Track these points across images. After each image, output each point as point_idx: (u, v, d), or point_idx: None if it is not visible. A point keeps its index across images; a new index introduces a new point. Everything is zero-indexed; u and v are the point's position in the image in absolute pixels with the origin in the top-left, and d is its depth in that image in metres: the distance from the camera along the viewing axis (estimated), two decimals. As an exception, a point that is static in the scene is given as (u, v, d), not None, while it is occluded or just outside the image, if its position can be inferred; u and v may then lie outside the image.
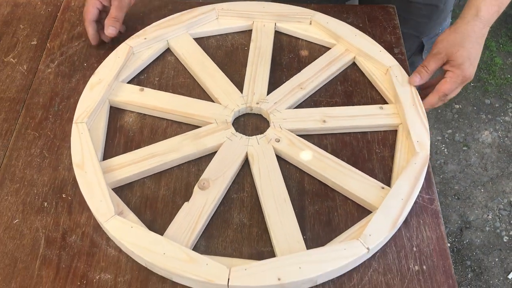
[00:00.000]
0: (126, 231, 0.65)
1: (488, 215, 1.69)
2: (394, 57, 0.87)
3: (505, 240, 1.63)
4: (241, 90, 0.83)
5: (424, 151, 0.74)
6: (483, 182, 1.77)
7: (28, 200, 0.72)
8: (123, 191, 0.73)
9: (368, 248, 0.65)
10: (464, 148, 1.86)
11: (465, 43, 0.77)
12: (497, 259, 1.59)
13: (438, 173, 1.80)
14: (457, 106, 1.99)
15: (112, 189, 0.72)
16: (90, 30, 0.87)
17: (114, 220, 0.66)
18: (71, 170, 0.75)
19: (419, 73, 0.81)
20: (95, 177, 0.70)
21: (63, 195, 0.73)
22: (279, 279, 0.62)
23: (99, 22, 0.88)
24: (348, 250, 0.64)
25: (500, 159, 1.83)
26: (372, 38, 0.90)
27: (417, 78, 0.81)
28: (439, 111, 1.97)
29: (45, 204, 0.72)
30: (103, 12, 0.88)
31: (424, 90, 0.85)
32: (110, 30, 0.86)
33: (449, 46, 0.78)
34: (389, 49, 0.90)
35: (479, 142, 1.88)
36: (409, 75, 0.84)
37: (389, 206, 0.68)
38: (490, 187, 1.76)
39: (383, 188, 0.72)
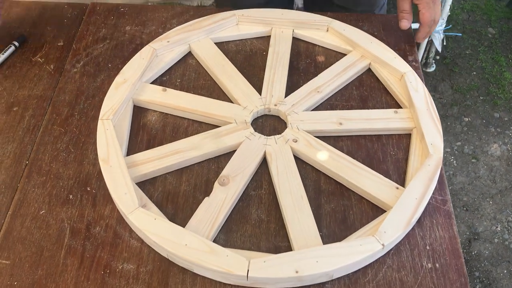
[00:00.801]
0: (149, 222, 0.68)
1: (496, 227, 1.70)
2: (409, 64, 0.89)
3: (513, 252, 1.64)
4: (259, 92, 0.86)
5: (437, 153, 0.76)
6: (492, 194, 1.78)
7: (54, 192, 0.75)
8: (146, 186, 0.76)
9: (383, 245, 0.67)
10: (473, 160, 1.88)
11: None
12: (505, 271, 1.60)
13: (447, 184, 1.81)
14: (466, 119, 2.01)
15: (136, 184, 0.75)
16: None
17: (138, 212, 0.69)
18: (96, 165, 0.77)
19: (403, 17, 0.93)
20: (119, 171, 0.73)
21: (88, 188, 0.75)
22: (296, 272, 0.64)
23: None
24: (363, 246, 0.66)
25: (509, 172, 1.84)
26: (387, 45, 0.92)
27: (405, 22, 0.93)
28: (449, 123, 1.99)
29: (70, 196, 0.74)
30: None
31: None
32: None
33: None
34: (403, 56, 0.92)
35: (488, 154, 1.89)
36: (423, 82, 0.87)
37: (404, 205, 0.70)
38: (498, 199, 1.77)
39: (397, 188, 0.74)
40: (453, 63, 2.21)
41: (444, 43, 2.08)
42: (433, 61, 2.17)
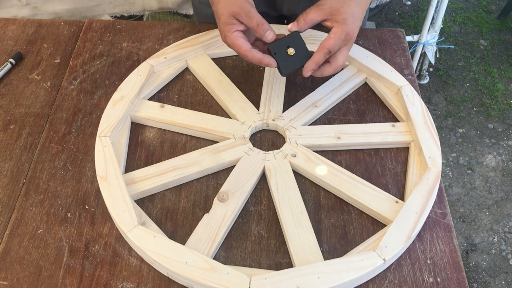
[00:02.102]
0: (149, 240, 0.67)
1: (493, 238, 1.70)
2: (405, 78, 0.90)
3: (511, 263, 1.64)
4: (257, 107, 0.86)
5: (436, 167, 0.76)
6: (488, 205, 1.79)
7: (52, 210, 0.74)
8: (145, 203, 0.75)
9: (384, 259, 0.66)
10: (469, 171, 1.89)
11: (350, 2, 0.76)
12: (503, 282, 1.60)
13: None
14: (461, 131, 2.02)
15: (134, 201, 0.74)
16: (256, 54, 0.77)
17: (137, 230, 0.68)
18: (94, 183, 0.77)
19: (297, 20, 0.79)
20: (118, 189, 0.72)
21: (86, 207, 0.75)
22: (298, 288, 0.63)
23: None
24: (365, 261, 0.66)
25: (504, 182, 1.85)
26: (382, 59, 0.93)
27: (294, 25, 0.79)
28: (443, 135, 2.01)
29: (69, 214, 0.74)
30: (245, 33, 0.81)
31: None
32: (269, 34, 0.78)
33: (335, 1, 0.77)
34: (399, 70, 0.93)
35: (483, 165, 1.90)
36: (419, 95, 0.87)
37: (404, 219, 0.70)
38: (495, 210, 1.77)
39: (397, 202, 0.74)
40: (447, 75, 2.23)
41: (437, 55, 2.11)
42: (427, 73, 2.19)
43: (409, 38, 2.03)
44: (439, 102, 2.12)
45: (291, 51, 0.79)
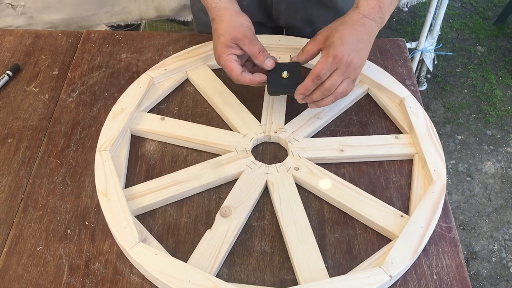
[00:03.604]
0: (151, 258, 0.66)
1: (493, 246, 1.69)
2: (407, 89, 0.89)
3: (511, 271, 1.63)
4: (259, 119, 0.85)
5: (441, 180, 0.75)
6: (488, 213, 1.78)
7: (51, 227, 0.73)
8: (145, 218, 0.74)
9: (390, 276, 0.65)
10: (468, 178, 1.88)
11: (339, 27, 0.76)
12: (504, 290, 1.59)
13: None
14: (459, 137, 2.02)
15: (135, 216, 0.73)
16: (246, 77, 0.79)
17: (139, 247, 0.67)
18: (94, 198, 0.76)
19: (298, 53, 0.82)
20: (119, 205, 0.71)
21: (86, 223, 0.73)
22: (304, 307, 0.62)
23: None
24: (371, 278, 0.65)
25: (504, 189, 1.85)
26: (384, 70, 0.92)
27: (294, 57, 0.82)
28: (442, 142, 2.00)
29: (68, 231, 0.72)
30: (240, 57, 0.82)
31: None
32: (268, 62, 0.80)
33: (326, 30, 0.78)
34: (401, 81, 0.92)
35: (482, 172, 1.90)
36: (422, 106, 0.87)
37: (410, 234, 0.69)
38: (494, 217, 1.77)
39: (402, 216, 0.73)
40: (444, 82, 2.23)
41: (435, 62, 2.10)
42: (425, 79, 2.19)
43: (407, 45, 2.03)
44: (437, 108, 2.11)
45: (285, 74, 0.80)
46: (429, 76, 2.23)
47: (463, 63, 2.31)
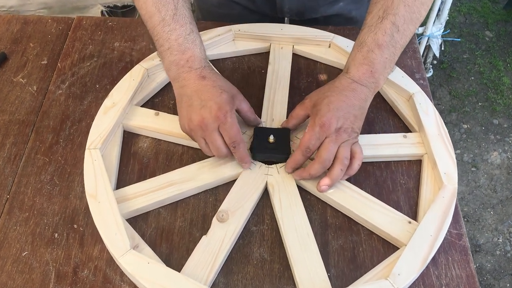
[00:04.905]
0: (142, 267, 0.62)
1: (498, 239, 1.66)
2: (416, 83, 0.84)
3: (516, 265, 1.60)
4: (259, 115, 0.80)
5: (452, 184, 0.71)
6: (493, 204, 1.74)
7: (38, 230, 0.69)
8: (138, 222, 0.70)
9: (397, 289, 0.61)
10: (473, 169, 1.84)
11: (327, 93, 0.71)
12: (508, 285, 1.56)
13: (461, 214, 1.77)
14: (465, 126, 1.97)
15: (126, 220, 0.69)
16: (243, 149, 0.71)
17: (130, 255, 0.63)
18: (83, 199, 0.71)
19: (287, 119, 0.77)
20: (109, 208, 0.67)
21: (75, 226, 0.69)
22: (304, 322, 0.58)
23: None
24: (376, 291, 0.61)
25: (510, 180, 1.80)
26: (392, 62, 0.87)
27: (284, 122, 0.77)
28: (447, 130, 1.95)
29: (56, 235, 0.68)
30: None
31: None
32: (257, 119, 0.77)
33: (315, 95, 0.74)
34: (410, 73, 0.87)
35: (488, 163, 1.85)
36: (432, 101, 0.82)
37: (418, 243, 0.65)
38: (499, 209, 1.73)
39: (410, 222, 0.68)
40: (451, 68, 2.17)
41: (442, 48, 2.04)
42: (431, 66, 2.13)
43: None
44: (443, 96, 2.06)
45: (271, 138, 0.73)
46: (435, 62, 2.17)
47: (470, 48, 2.24)
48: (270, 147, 0.74)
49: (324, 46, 0.90)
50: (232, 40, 0.90)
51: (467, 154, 1.88)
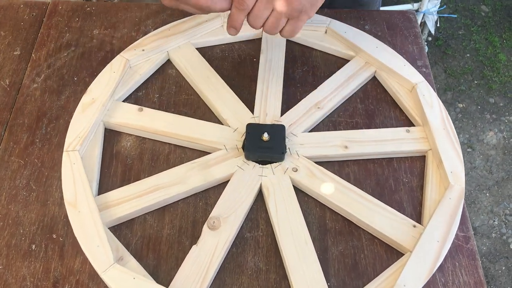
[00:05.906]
0: (128, 283, 0.57)
1: (494, 221, 1.64)
2: (418, 71, 0.79)
3: (511, 247, 1.58)
4: (251, 110, 0.74)
5: (459, 184, 0.66)
6: (488, 186, 1.72)
7: (13, 242, 0.63)
8: (122, 230, 0.65)
9: (403, 301, 0.57)
10: (469, 149, 1.80)
11: None
12: (504, 268, 1.55)
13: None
14: (461, 105, 1.92)
15: (109, 228, 0.63)
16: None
17: (114, 270, 0.58)
18: (62, 205, 0.66)
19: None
20: (90, 218, 0.61)
21: (54, 236, 0.64)
22: None
23: None
24: (381, 304, 0.57)
25: (506, 161, 1.77)
26: (392, 48, 0.81)
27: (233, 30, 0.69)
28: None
29: (33, 246, 0.63)
30: None
31: None
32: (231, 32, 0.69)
33: None
34: (412, 61, 0.81)
35: (484, 143, 1.82)
36: (435, 91, 0.77)
37: (424, 250, 0.61)
38: (495, 191, 1.70)
39: (415, 226, 0.64)
40: (446, 45, 2.11)
41: (437, 25, 1.98)
42: (425, 43, 2.07)
43: (408, 7, 1.90)
44: (438, 74, 2.00)
45: (265, 136, 0.68)
46: (429, 39, 2.11)
47: (466, 24, 2.18)
48: (264, 145, 0.69)
49: (321, 31, 0.84)
50: (221, 26, 0.84)
51: (462, 135, 1.84)
